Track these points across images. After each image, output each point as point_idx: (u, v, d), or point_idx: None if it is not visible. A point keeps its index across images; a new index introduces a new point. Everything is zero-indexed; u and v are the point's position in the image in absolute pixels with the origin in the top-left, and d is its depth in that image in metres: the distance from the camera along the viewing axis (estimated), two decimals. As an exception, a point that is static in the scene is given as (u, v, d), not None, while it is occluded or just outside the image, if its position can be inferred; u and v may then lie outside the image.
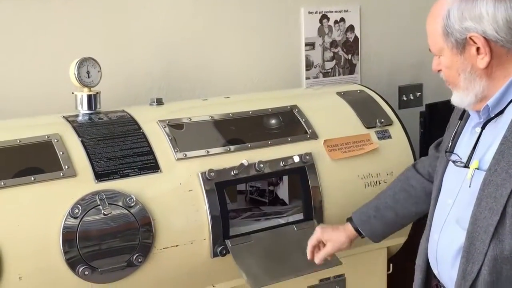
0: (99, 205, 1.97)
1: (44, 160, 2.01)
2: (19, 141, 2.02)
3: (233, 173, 2.21)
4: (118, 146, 2.13)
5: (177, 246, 2.09)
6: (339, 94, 2.65)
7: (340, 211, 2.30)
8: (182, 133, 2.25)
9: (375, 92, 2.72)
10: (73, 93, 2.27)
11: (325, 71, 3.08)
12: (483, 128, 1.70)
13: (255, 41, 2.91)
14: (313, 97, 2.77)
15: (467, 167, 1.70)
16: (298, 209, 2.33)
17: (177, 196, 2.12)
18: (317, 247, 2.14)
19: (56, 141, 2.06)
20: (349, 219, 2.14)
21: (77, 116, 2.23)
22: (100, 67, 2.25)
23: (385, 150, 2.50)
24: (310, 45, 3.02)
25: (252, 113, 2.42)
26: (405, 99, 3.32)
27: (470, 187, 1.68)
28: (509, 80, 1.66)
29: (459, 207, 1.73)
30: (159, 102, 2.42)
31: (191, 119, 2.31)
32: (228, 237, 2.17)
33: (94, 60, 2.25)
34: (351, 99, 2.62)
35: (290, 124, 2.44)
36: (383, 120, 2.56)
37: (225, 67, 2.85)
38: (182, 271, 2.14)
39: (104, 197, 1.99)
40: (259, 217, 2.31)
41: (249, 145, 2.30)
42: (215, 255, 2.15)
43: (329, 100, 2.64)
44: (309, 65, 3.04)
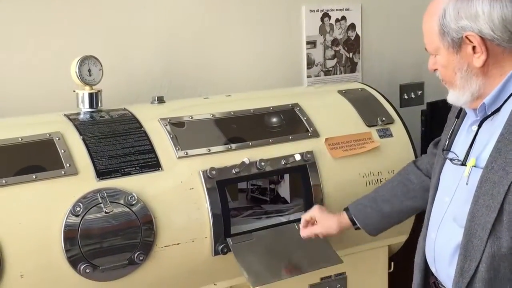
0: (101, 203, 1.97)
1: (45, 158, 2.01)
2: (20, 139, 2.02)
3: (234, 171, 2.21)
4: (119, 144, 2.13)
5: (178, 244, 2.09)
6: (340, 92, 2.65)
7: (341, 209, 2.29)
8: (183, 131, 2.25)
9: (376, 90, 2.72)
10: (74, 91, 2.27)
11: (327, 69, 3.08)
12: (479, 126, 1.71)
13: (256, 39, 2.91)
14: (315, 95, 2.77)
15: (464, 165, 1.71)
16: (299, 207, 2.33)
17: (179, 194, 2.12)
18: (310, 223, 2.19)
19: (57, 139, 2.06)
20: (346, 208, 2.17)
21: (78, 114, 2.23)
22: (101, 65, 2.26)
23: (386, 148, 2.50)
24: (311, 43, 3.02)
25: (253, 111, 2.42)
26: (406, 97, 3.33)
27: (467, 184, 1.69)
28: (505, 78, 1.66)
29: (456, 204, 1.73)
30: (161, 100, 2.42)
31: (192, 117, 2.31)
32: (229, 235, 2.17)
33: (95, 58, 2.25)
34: (353, 97, 2.62)
35: (291, 122, 2.44)
36: (384, 118, 2.56)
37: (226, 66, 2.85)
38: (183, 269, 2.14)
39: (105, 195, 1.99)
40: (260, 216, 2.31)
41: (251, 143, 2.30)
42: (216, 253, 2.15)
43: (331, 98, 2.64)
44: (311, 63, 3.04)
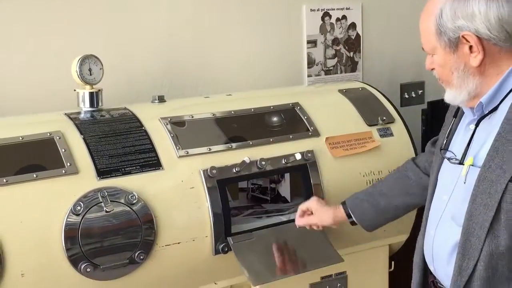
0: (101, 202, 1.97)
1: (46, 157, 2.01)
2: (21, 138, 2.02)
3: (235, 171, 2.21)
4: (120, 143, 2.13)
5: (179, 243, 2.09)
6: (341, 91, 2.65)
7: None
8: (184, 131, 2.25)
9: (377, 89, 2.72)
10: (75, 90, 2.27)
11: (327, 68, 3.08)
12: (477, 125, 1.72)
13: (257, 38, 2.91)
14: (315, 94, 2.77)
15: (461, 164, 1.71)
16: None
17: (179, 193, 2.12)
18: (306, 214, 2.21)
19: (58, 138, 2.06)
20: (343, 202, 2.18)
21: (79, 113, 2.23)
22: (102, 65, 2.26)
23: (387, 147, 2.51)
24: (312, 43, 3.02)
25: (254, 111, 2.42)
26: (407, 96, 3.32)
27: (465, 183, 1.69)
28: (502, 77, 1.67)
29: (454, 203, 1.74)
30: (161, 99, 2.42)
31: (193, 117, 2.31)
32: (230, 234, 2.17)
33: (96, 57, 2.25)
34: (353, 96, 2.62)
35: (292, 121, 2.44)
36: (385, 117, 2.56)
37: (227, 65, 2.85)
38: (184, 268, 2.14)
39: (106, 194, 1.99)
40: (261, 215, 2.31)
41: (251, 143, 2.30)
42: (217, 252, 2.15)
43: (331, 97, 2.64)
44: (311, 63, 3.04)
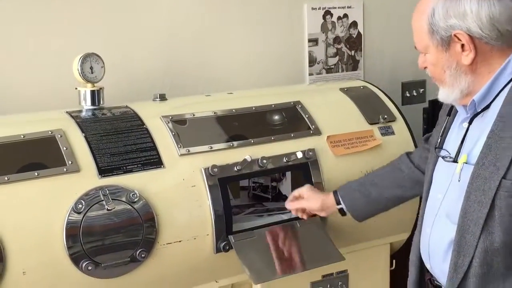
0: (103, 201, 1.97)
1: (47, 155, 2.01)
2: (22, 136, 2.03)
3: (236, 169, 2.21)
4: (121, 141, 2.13)
5: (180, 241, 2.09)
6: (342, 90, 2.65)
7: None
8: (185, 129, 2.25)
9: (378, 88, 2.72)
10: (76, 88, 2.27)
11: (328, 67, 3.08)
12: (470, 123, 1.73)
13: (258, 37, 2.91)
14: (316, 93, 2.77)
15: (455, 161, 1.73)
16: (301, 205, 2.33)
17: (180, 191, 2.12)
18: (298, 199, 2.25)
19: (59, 136, 2.06)
20: (335, 190, 2.20)
21: (80, 111, 2.23)
22: (103, 63, 2.25)
23: (388, 146, 2.50)
24: (313, 41, 3.02)
25: (255, 109, 2.42)
26: (408, 95, 3.32)
27: (459, 181, 1.71)
28: (494, 75, 1.68)
29: (449, 201, 1.76)
30: (162, 97, 2.42)
31: (194, 115, 2.31)
32: (231, 232, 2.17)
33: (97, 55, 2.24)
34: (354, 95, 2.62)
35: (293, 120, 2.44)
36: (386, 116, 2.56)
37: (228, 64, 2.85)
38: (185, 266, 2.14)
39: (107, 192, 1.99)
40: (262, 213, 2.31)
41: (252, 141, 2.30)
42: (218, 250, 2.15)
43: (332, 96, 2.64)
44: (312, 61, 3.04)
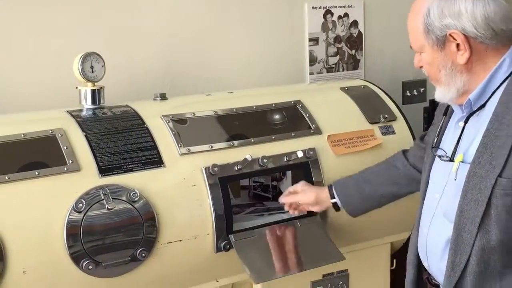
0: (103, 200, 1.97)
1: (48, 154, 2.01)
2: (23, 136, 2.03)
3: (236, 168, 2.21)
4: (122, 141, 2.13)
5: (180, 241, 2.09)
6: (342, 89, 2.65)
7: (342, 206, 2.29)
8: (185, 128, 2.25)
9: (379, 87, 2.72)
10: (77, 87, 2.27)
11: (329, 66, 3.08)
12: (466, 122, 1.74)
13: (258, 36, 2.90)
14: (317, 92, 2.77)
15: (452, 161, 1.74)
16: (301, 204, 2.33)
17: (181, 191, 2.12)
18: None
19: (60, 135, 2.06)
20: (329, 185, 2.21)
21: (81, 110, 2.23)
22: (103, 62, 2.25)
23: (388, 145, 2.50)
24: (313, 40, 3.02)
25: (255, 108, 2.42)
26: (408, 94, 3.32)
27: (455, 180, 1.72)
28: (489, 74, 1.69)
29: (446, 200, 1.77)
30: (163, 97, 2.41)
31: (194, 114, 2.31)
32: (231, 232, 2.17)
33: (98, 55, 2.24)
34: (355, 94, 2.62)
35: (293, 119, 2.44)
36: (387, 115, 2.56)
37: (228, 63, 2.84)
38: (185, 265, 2.14)
39: (108, 191, 1.99)
40: (263, 213, 2.31)
41: (253, 140, 2.30)
42: (218, 250, 2.15)
43: (333, 95, 2.64)
44: (313, 60, 3.03)
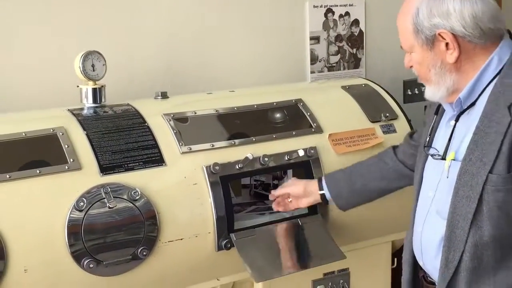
0: (104, 198, 1.97)
1: (49, 153, 2.01)
2: (24, 134, 2.03)
3: (237, 167, 2.21)
4: (123, 139, 2.13)
5: (181, 239, 2.09)
6: (344, 88, 2.64)
7: (343, 208, 2.28)
8: (187, 127, 2.25)
9: (380, 86, 2.72)
10: (78, 86, 2.27)
11: (330, 65, 3.08)
12: (457, 120, 1.76)
13: (259, 35, 2.90)
14: (318, 91, 2.77)
15: (444, 159, 1.76)
16: (302, 203, 2.33)
17: (182, 189, 2.12)
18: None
19: (61, 134, 2.06)
20: (320, 177, 2.23)
21: (82, 109, 2.23)
22: (105, 61, 2.25)
23: (389, 144, 2.47)
24: (315, 39, 3.02)
25: (256, 107, 2.42)
26: (410, 93, 3.32)
27: (448, 178, 1.74)
28: (478, 72, 1.71)
29: (439, 198, 1.79)
30: (164, 95, 2.42)
31: (196, 113, 2.31)
32: (232, 230, 2.17)
33: (99, 53, 2.24)
34: (356, 93, 2.62)
35: (294, 118, 2.44)
36: (388, 114, 2.56)
37: (229, 61, 2.84)
38: (186, 264, 2.14)
39: (109, 190, 1.99)
40: (264, 211, 2.31)
41: (254, 139, 2.30)
42: (219, 248, 2.15)
43: (334, 94, 2.63)
44: (314, 59, 3.03)
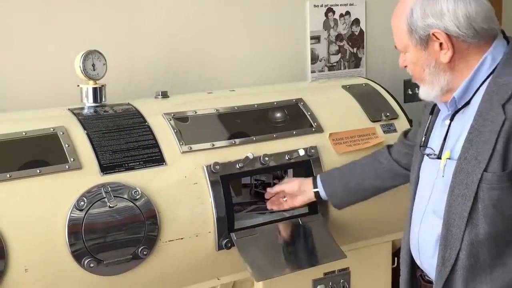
0: (105, 198, 1.97)
1: (49, 152, 2.01)
2: (24, 134, 2.03)
3: (238, 166, 2.21)
4: (123, 139, 2.13)
5: (182, 239, 2.09)
6: (344, 87, 2.64)
7: (344, 207, 2.29)
8: (187, 126, 2.25)
9: (380, 85, 2.72)
10: (78, 85, 2.27)
11: (331, 64, 3.08)
12: (451, 119, 1.77)
13: (259, 34, 2.90)
14: (319, 90, 2.77)
15: (439, 158, 1.77)
16: (303, 202, 2.33)
17: (182, 189, 2.12)
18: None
19: (61, 133, 2.06)
20: (315, 175, 2.24)
21: (82, 108, 2.23)
22: (105, 60, 2.25)
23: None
24: (315, 39, 3.02)
25: (257, 106, 2.42)
26: (410, 92, 3.31)
27: (443, 176, 1.75)
28: (472, 72, 1.72)
29: (435, 197, 1.79)
30: (164, 95, 2.42)
31: (196, 112, 2.31)
32: (233, 230, 2.17)
33: (99, 53, 2.24)
34: (357, 92, 2.62)
35: (295, 117, 2.43)
36: (388, 113, 2.56)
37: (230, 61, 2.84)
38: (187, 264, 2.14)
39: (109, 189, 1.99)
40: (264, 211, 2.31)
41: (254, 138, 2.30)
42: (220, 248, 2.15)
43: (335, 93, 2.63)
44: (315, 59, 3.03)
